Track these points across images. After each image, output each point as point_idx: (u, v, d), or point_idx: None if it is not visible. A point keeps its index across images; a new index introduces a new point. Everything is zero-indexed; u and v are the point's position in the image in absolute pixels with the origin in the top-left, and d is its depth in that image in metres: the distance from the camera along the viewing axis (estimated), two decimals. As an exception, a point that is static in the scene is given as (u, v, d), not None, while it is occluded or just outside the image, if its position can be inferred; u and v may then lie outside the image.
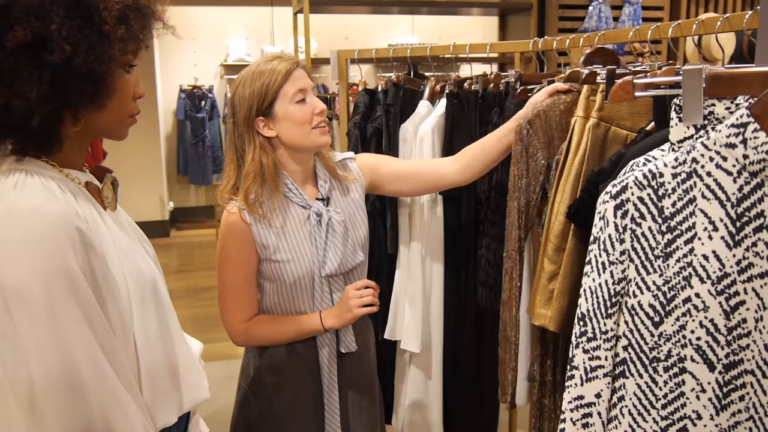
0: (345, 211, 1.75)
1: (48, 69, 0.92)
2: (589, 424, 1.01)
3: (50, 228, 0.93)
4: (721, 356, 0.93)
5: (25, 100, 0.92)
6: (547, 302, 1.55)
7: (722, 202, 0.91)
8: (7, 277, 0.91)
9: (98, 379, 0.94)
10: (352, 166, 1.84)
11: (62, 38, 0.92)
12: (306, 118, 1.64)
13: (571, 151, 1.55)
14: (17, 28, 0.90)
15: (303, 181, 1.73)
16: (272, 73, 1.63)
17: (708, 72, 0.96)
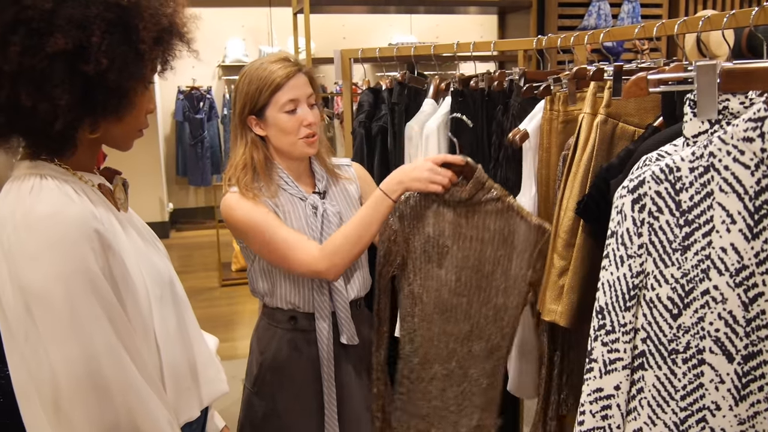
0: (342, 206, 1.78)
1: (80, 78, 0.94)
2: (609, 416, 1.03)
3: (69, 231, 0.94)
4: (740, 347, 0.95)
5: (53, 105, 0.94)
6: (558, 298, 1.56)
7: (740, 195, 0.92)
8: (29, 281, 0.92)
9: (122, 378, 0.95)
10: (349, 171, 1.88)
11: (101, 51, 0.94)
12: (293, 129, 1.66)
13: (579, 148, 1.56)
14: (58, 35, 0.91)
15: (298, 176, 1.76)
16: (268, 78, 1.64)
17: (722, 67, 0.97)
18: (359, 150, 2.32)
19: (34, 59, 0.91)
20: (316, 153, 1.73)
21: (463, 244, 1.69)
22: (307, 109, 1.68)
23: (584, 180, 1.52)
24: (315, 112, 1.71)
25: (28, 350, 0.93)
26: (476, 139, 2.07)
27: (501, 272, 1.68)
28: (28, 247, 0.93)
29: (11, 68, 0.91)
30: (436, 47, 2.27)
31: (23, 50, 0.91)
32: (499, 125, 1.98)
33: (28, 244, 0.93)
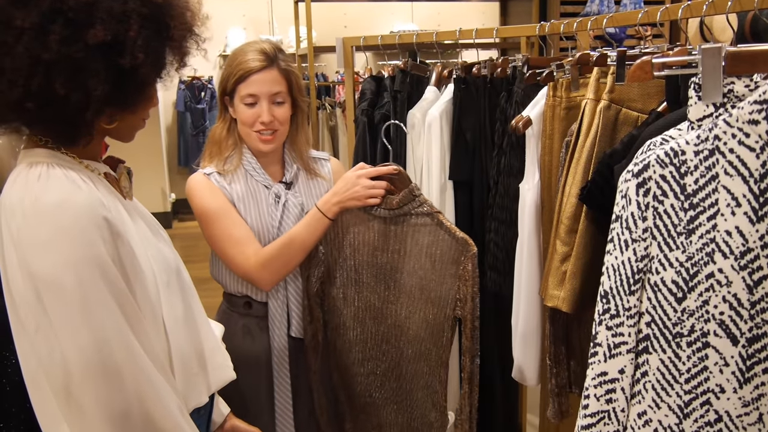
0: (305, 198, 1.78)
1: (115, 71, 0.95)
2: (613, 399, 1.03)
3: (78, 218, 0.94)
4: (744, 330, 0.95)
5: (86, 95, 0.95)
6: (560, 283, 1.57)
7: (745, 178, 0.92)
8: (39, 268, 0.93)
9: (133, 365, 0.96)
10: (325, 167, 1.88)
11: (137, 46, 0.95)
12: (248, 122, 1.69)
13: (582, 134, 1.56)
14: (99, 27, 0.93)
15: (267, 162, 1.77)
16: (237, 67, 1.67)
17: (727, 51, 0.97)
18: (362, 138, 2.32)
19: (71, 49, 0.92)
20: (271, 150, 1.73)
21: (390, 256, 1.72)
22: (266, 107, 1.67)
23: (587, 166, 1.52)
24: (280, 110, 1.69)
25: (38, 337, 0.94)
26: (479, 126, 2.07)
27: (426, 285, 1.69)
28: (38, 234, 0.93)
29: (50, 57, 0.91)
30: (439, 34, 2.26)
31: (62, 39, 0.91)
32: (503, 112, 1.98)
33: (37, 232, 0.93)
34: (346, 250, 1.75)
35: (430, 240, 1.67)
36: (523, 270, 1.79)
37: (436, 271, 1.67)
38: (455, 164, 2.09)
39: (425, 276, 1.68)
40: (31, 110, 0.95)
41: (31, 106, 0.94)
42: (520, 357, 1.84)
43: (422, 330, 1.71)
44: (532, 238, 1.77)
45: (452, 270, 1.65)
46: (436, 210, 1.68)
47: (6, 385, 1.82)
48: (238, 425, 1.35)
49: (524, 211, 1.77)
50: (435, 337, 1.70)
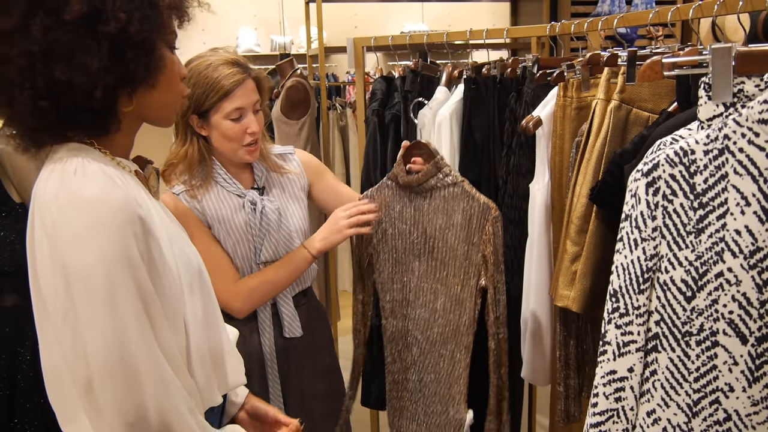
0: (280, 201, 1.78)
1: (105, 40, 0.95)
2: (622, 398, 1.03)
3: (115, 215, 0.95)
4: (753, 329, 0.95)
5: (87, 74, 0.94)
6: (570, 283, 1.57)
7: (755, 178, 0.92)
8: (72, 262, 0.93)
9: (151, 366, 0.96)
10: (293, 161, 1.87)
11: (116, 8, 0.94)
12: (236, 137, 1.66)
13: (592, 134, 1.56)
14: (74, 2, 0.92)
15: (237, 170, 1.76)
16: (216, 84, 1.62)
17: (737, 50, 0.97)
18: (372, 138, 2.33)
19: (57, 34, 0.92)
20: (256, 159, 1.73)
21: (422, 230, 1.77)
22: (251, 117, 1.67)
23: (597, 166, 1.52)
24: (260, 117, 1.70)
25: (65, 329, 0.95)
26: (489, 126, 2.07)
27: (455, 256, 1.73)
28: (74, 228, 0.94)
29: (39, 47, 0.92)
30: (449, 35, 2.27)
31: (45, 28, 0.92)
32: (513, 112, 1.98)
33: (73, 225, 0.94)
34: (387, 229, 1.80)
35: (457, 209, 1.71)
36: (533, 270, 1.79)
37: (464, 241, 1.71)
38: (465, 164, 2.10)
39: (455, 247, 1.72)
40: (47, 109, 0.96)
41: (44, 104, 0.95)
42: (529, 357, 1.84)
43: (449, 307, 1.75)
44: (542, 237, 1.77)
45: (478, 237, 1.68)
46: (461, 179, 1.72)
47: (21, 381, 1.84)
48: (258, 405, 1.36)
49: (534, 210, 1.78)
50: (461, 315, 1.74)
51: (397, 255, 1.81)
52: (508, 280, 1.99)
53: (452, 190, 1.71)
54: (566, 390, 1.70)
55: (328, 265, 3.30)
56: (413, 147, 1.75)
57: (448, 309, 1.75)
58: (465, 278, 1.71)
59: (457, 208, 1.70)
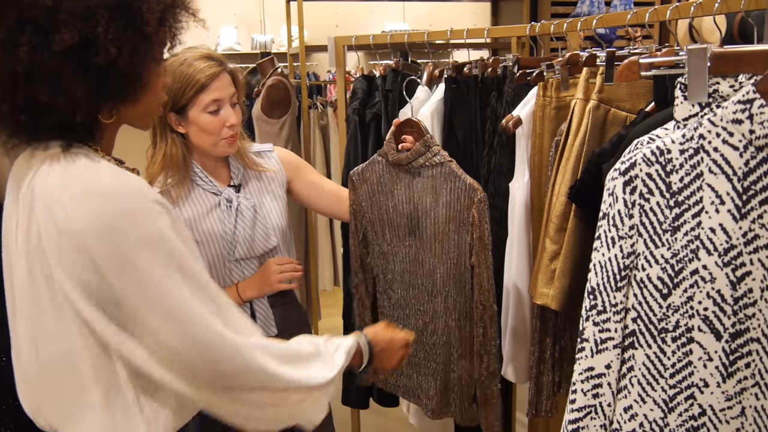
0: (257, 198, 1.79)
1: (93, 69, 0.95)
2: (600, 394, 1.05)
3: (139, 201, 0.97)
4: (727, 325, 0.97)
5: (70, 99, 0.94)
6: (549, 282, 1.58)
7: (729, 176, 0.94)
8: (105, 252, 0.93)
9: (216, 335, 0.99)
10: (272, 158, 1.88)
11: (108, 41, 0.94)
12: (215, 130, 1.66)
13: (571, 133, 1.58)
14: (64, 30, 0.92)
15: (214, 168, 1.76)
16: (193, 78, 1.63)
17: (712, 51, 0.99)
18: (353, 136, 2.33)
19: (43, 56, 0.92)
20: (235, 151, 1.74)
21: (414, 208, 1.80)
22: (230, 110, 1.68)
23: (576, 165, 1.54)
24: (237, 111, 1.71)
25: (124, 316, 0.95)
26: (470, 126, 2.08)
27: (447, 234, 1.75)
28: (99, 218, 0.93)
29: (24, 68, 0.92)
30: (430, 34, 2.28)
31: (31, 49, 0.91)
32: (493, 111, 1.99)
33: (98, 216, 0.93)
34: (381, 205, 1.84)
35: (444, 189, 1.73)
36: (513, 268, 1.80)
37: (452, 220, 1.73)
38: (446, 163, 2.11)
39: (445, 225, 1.75)
40: (27, 122, 0.96)
41: (24, 118, 0.95)
42: (509, 355, 1.86)
43: (449, 281, 1.77)
44: (521, 236, 1.78)
45: (466, 216, 1.70)
46: (448, 158, 1.73)
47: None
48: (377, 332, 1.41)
49: (514, 209, 1.79)
50: (460, 289, 1.77)
51: (392, 228, 1.85)
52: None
53: (440, 169, 1.73)
54: (538, 386, 1.72)
55: (308, 266, 3.30)
56: (404, 125, 1.78)
57: (448, 283, 1.78)
58: (458, 257, 1.74)
59: (444, 187, 1.73)
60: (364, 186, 1.86)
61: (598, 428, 1.06)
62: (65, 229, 0.94)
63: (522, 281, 1.80)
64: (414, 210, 1.80)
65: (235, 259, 1.73)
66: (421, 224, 1.79)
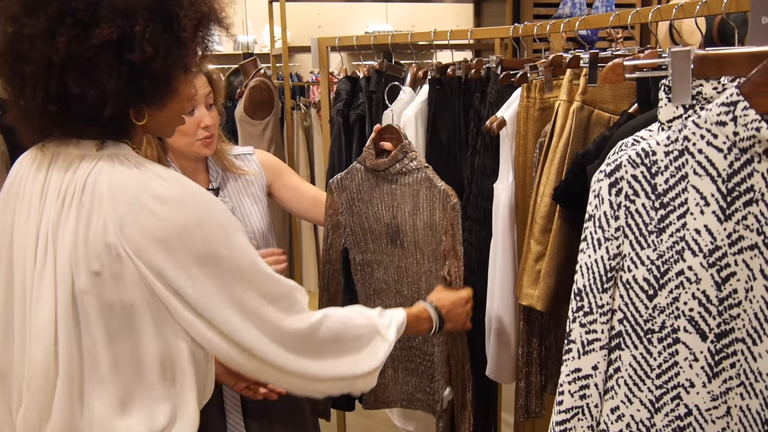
0: (236, 201, 1.78)
1: (126, 66, 0.96)
2: (587, 395, 1.05)
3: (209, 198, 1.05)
4: (713, 326, 0.97)
5: (101, 92, 0.96)
6: (534, 282, 1.59)
7: (713, 178, 0.95)
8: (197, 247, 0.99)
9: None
10: (252, 161, 1.87)
11: (145, 40, 0.96)
12: (189, 130, 1.65)
13: (555, 135, 1.58)
14: (103, 25, 0.94)
15: (193, 171, 1.75)
16: None
17: (696, 54, 1.00)
18: (337, 138, 2.32)
19: (80, 48, 0.94)
20: (212, 153, 1.73)
21: (393, 214, 1.78)
22: (204, 111, 1.67)
23: (561, 166, 1.54)
24: (213, 112, 1.70)
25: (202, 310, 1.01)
26: (453, 127, 2.08)
27: (425, 240, 1.74)
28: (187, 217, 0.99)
29: (60, 58, 0.94)
30: (414, 35, 2.28)
31: (69, 41, 0.93)
32: (477, 113, 1.99)
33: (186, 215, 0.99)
34: (361, 213, 1.81)
35: (420, 195, 1.72)
36: (497, 269, 1.81)
37: (430, 227, 1.71)
38: (430, 164, 2.10)
39: (424, 232, 1.73)
40: (55, 113, 0.97)
41: (53, 108, 0.97)
42: (494, 355, 1.86)
43: (433, 287, 1.75)
44: (506, 237, 1.79)
45: (441, 223, 1.69)
46: (424, 164, 1.73)
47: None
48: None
49: (498, 210, 1.79)
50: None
51: (374, 237, 1.82)
52: (473, 280, 2.00)
53: (416, 175, 1.72)
54: (527, 386, 1.73)
55: (293, 266, 3.28)
56: (384, 131, 1.76)
57: (430, 289, 1.76)
58: (439, 264, 1.72)
59: (420, 194, 1.71)
60: (343, 194, 1.83)
61: (586, 429, 1.06)
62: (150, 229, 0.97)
63: (506, 282, 1.80)
64: (393, 218, 1.77)
65: None
66: (401, 232, 1.77)
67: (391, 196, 1.76)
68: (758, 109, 0.91)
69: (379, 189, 1.78)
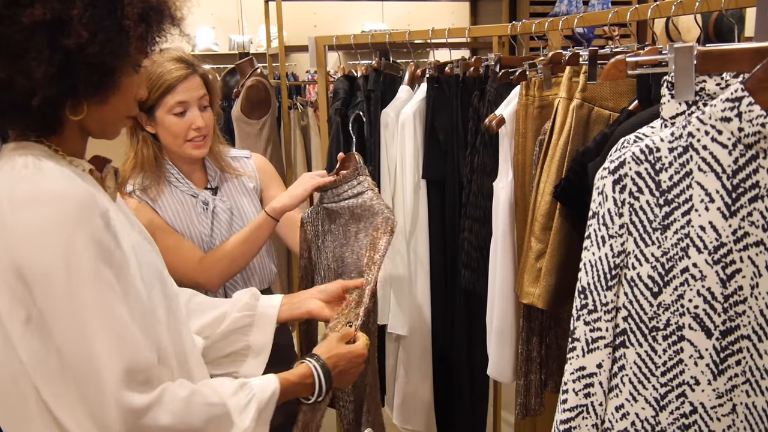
0: (234, 200, 1.79)
1: (60, 52, 0.90)
2: (591, 393, 1.04)
3: (76, 210, 0.91)
4: (718, 323, 0.97)
5: (29, 79, 0.90)
6: (535, 281, 1.58)
7: (718, 174, 0.94)
8: (34, 259, 0.89)
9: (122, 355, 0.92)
10: (248, 164, 1.88)
11: (81, 24, 0.90)
12: (180, 132, 1.66)
13: (555, 132, 1.58)
14: (37, 5, 0.88)
15: (190, 171, 1.76)
16: (159, 79, 1.63)
17: (698, 50, 0.99)
18: (335, 137, 2.31)
19: (9, 29, 0.88)
20: (204, 155, 1.73)
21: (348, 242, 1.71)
22: (196, 113, 1.67)
23: (561, 164, 1.54)
24: (207, 114, 1.70)
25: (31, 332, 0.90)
26: (452, 126, 2.08)
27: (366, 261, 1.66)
28: (33, 225, 0.89)
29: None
30: (411, 33, 2.27)
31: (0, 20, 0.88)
32: (476, 111, 1.99)
33: (32, 223, 0.89)
34: (327, 249, 1.75)
35: (363, 218, 1.66)
36: (498, 268, 1.80)
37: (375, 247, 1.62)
38: (429, 163, 2.10)
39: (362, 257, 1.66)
40: None
41: None
42: (495, 354, 1.85)
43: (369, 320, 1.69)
44: (506, 236, 1.78)
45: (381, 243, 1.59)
46: (371, 186, 1.66)
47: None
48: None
49: (498, 209, 1.79)
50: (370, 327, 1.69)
51: (330, 276, 1.74)
52: (474, 279, 2.00)
53: (360, 199, 1.64)
54: (527, 385, 1.72)
55: (291, 269, 3.28)
56: (347, 159, 1.71)
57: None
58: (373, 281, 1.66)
59: (363, 219, 1.65)
60: (312, 229, 1.76)
61: (590, 428, 1.05)
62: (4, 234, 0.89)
63: (507, 281, 1.79)
64: (342, 253, 1.71)
65: None
66: (347, 267, 1.70)
67: (344, 230, 1.70)
68: (763, 105, 0.90)
69: (333, 226, 1.72)
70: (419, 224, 2.12)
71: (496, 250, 1.80)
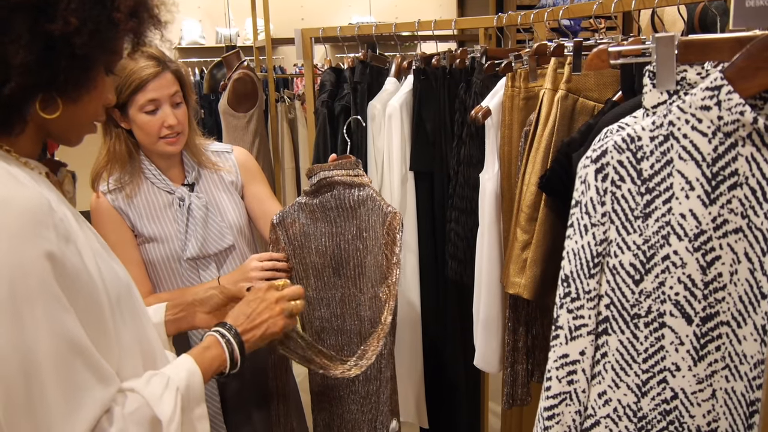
0: (210, 197, 1.78)
1: (42, 38, 0.84)
2: (574, 380, 1.05)
3: (21, 216, 0.82)
4: (698, 309, 0.98)
5: (4, 65, 0.83)
6: (521, 271, 1.59)
7: (698, 163, 0.95)
8: None
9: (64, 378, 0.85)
10: (229, 159, 1.87)
11: (70, 10, 0.85)
12: (152, 130, 1.66)
13: (540, 123, 1.59)
14: None
15: (167, 166, 1.76)
16: (130, 77, 1.62)
17: (680, 39, 1.00)
18: (322, 130, 2.31)
19: None
20: (178, 151, 1.73)
21: (340, 243, 1.71)
22: (168, 110, 1.66)
23: (546, 155, 1.55)
24: (180, 111, 1.69)
25: None
26: (439, 117, 2.08)
27: (372, 262, 1.68)
28: None
29: None
30: (398, 25, 2.27)
31: None
32: (462, 103, 1.99)
33: None
34: (304, 248, 1.75)
35: (362, 215, 1.67)
36: (484, 258, 1.81)
37: (371, 250, 1.66)
38: (416, 155, 2.11)
39: (365, 254, 1.68)
40: None
41: None
42: (482, 345, 1.87)
43: (376, 315, 1.69)
44: (492, 227, 1.79)
45: (382, 241, 1.64)
46: (368, 183, 1.67)
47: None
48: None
49: (484, 200, 1.80)
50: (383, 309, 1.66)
51: (316, 272, 1.75)
52: (461, 270, 2.01)
53: (359, 194, 1.65)
54: (513, 375, 1.73)
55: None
56: (340, 159, 1.70)
57: (374, 317, 1.70)
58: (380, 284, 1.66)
59: (362, 215, 1.66)
60: (284, 233, 1.73)
61: (573, 414, 1.07)
62: None
63: (493, 272, 1.80)
64: (337, 247, 1.71)
65: (188, 259, 1.71)
66: (344, 260, 1.71)
67: (334, 225, 1.70)
68: (742, 93, 0.91)
69: (321, 220, 1.71)
70: (407, 216, 2.13)
71: (483, 241, 1.81)
